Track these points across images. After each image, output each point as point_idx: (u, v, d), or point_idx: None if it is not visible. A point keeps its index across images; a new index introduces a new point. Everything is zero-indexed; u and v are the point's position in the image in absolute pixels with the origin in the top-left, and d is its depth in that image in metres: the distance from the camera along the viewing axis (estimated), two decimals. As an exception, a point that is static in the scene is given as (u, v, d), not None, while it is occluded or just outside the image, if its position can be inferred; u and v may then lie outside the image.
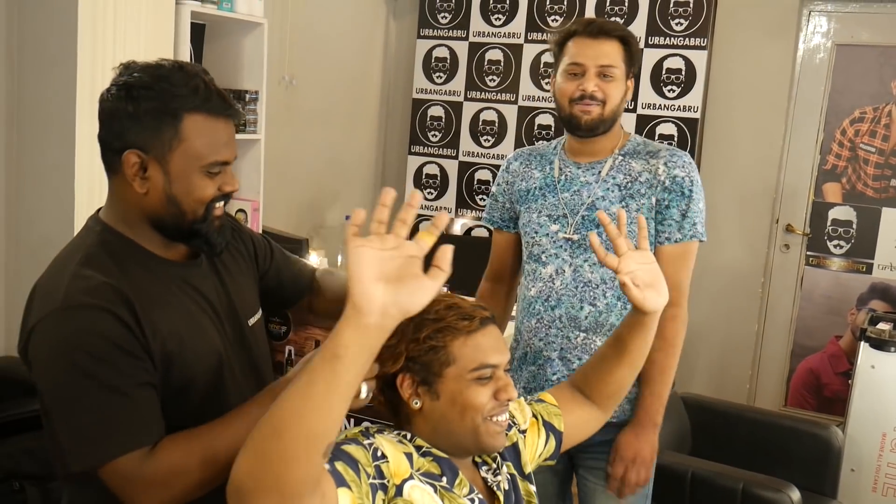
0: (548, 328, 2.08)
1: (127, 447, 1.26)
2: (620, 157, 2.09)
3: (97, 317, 1.28)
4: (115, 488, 1.28)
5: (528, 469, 1.56)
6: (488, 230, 2.32)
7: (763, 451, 2.91)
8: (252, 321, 1.54)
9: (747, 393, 4.32)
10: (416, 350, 1.35)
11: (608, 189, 2.06)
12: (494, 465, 1.47)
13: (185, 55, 3.04)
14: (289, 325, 1.88)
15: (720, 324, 4.28)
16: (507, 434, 1.50)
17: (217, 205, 1.40)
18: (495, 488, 1.43)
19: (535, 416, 1.59)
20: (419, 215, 4.62)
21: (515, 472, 1.52)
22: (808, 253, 4.24)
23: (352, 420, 1.69)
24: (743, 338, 4.30)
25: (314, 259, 3.62)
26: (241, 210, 3.35)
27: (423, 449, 1.37)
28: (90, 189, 2.68)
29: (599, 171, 2.08)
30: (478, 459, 1.46)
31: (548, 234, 2.10)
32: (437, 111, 4.59)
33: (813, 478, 2.84)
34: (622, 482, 2.03)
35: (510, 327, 2.35)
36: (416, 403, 1.36)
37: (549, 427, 1.58)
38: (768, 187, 4.19)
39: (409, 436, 1.38)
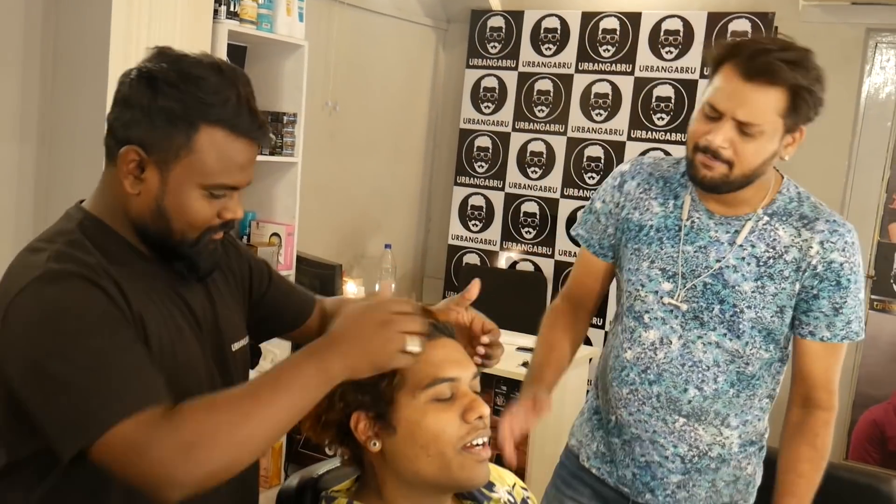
0: (641, 404, 1.72)
1: (136, 406, 1.06)
2: (766, 218, 1.68)
3: (83, 286, 1.13)
4: (119, 464, 1.07)
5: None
6: (576, 243, 1.91)
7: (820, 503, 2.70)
8: (236, 346, 1.38)
9: (805, 443, 4.08)
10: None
11: (743, 260, 1.66)
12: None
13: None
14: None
15: (776, 369, 4.05)
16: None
17: (216, 235, 1.25)
18: None
19: None
20: (466, 248, 4.53)
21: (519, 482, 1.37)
22: (873, 297, 4.00)
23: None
24: (801, 384, 4.07)
25: (351, 288, 3.53)
26: (275, 234, 3.29)
27: None
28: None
29: (737, 232, 1.68)
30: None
31: (656, 292, 1.72)
32: (484, 141, 4.50)
33: (872, 536, 2.62)
34: None
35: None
36: (375, 445, 1.16)
37: None
38: (830, 226, 3.98)
39: None
